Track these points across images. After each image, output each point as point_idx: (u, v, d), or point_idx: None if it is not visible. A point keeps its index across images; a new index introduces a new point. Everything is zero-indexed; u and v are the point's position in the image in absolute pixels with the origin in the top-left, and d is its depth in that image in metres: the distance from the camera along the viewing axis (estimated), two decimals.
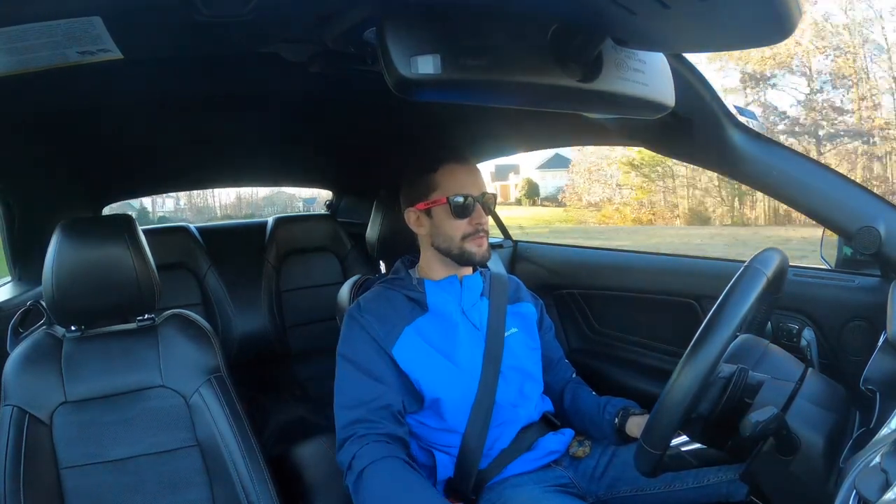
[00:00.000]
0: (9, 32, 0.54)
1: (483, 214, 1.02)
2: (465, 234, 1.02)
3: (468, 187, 1.01)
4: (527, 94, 0.59)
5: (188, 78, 1.00)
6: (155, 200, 16.16)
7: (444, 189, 1.01)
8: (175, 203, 18.04)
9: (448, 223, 1.02)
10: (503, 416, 1.03)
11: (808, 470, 0.69)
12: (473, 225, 1.01)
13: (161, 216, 13.56)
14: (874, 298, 0.95)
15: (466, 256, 1.02)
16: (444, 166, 1.03)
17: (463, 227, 1.01)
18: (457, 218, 1.01)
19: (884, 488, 0.50)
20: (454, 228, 1.02)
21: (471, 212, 1.01)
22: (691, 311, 1.32)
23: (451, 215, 1.01)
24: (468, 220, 1.01)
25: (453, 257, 1.03)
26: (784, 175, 0.91)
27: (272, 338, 2.06)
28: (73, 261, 0.94)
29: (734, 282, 0.74)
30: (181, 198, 18.47)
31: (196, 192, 19.00)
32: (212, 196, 18.32)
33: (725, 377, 0.77)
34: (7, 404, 0.93)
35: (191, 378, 1.03)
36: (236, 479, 0.98)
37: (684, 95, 0.77)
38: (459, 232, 1.02)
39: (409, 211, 1.06)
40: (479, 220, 1.02)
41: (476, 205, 1.01)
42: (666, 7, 0.46)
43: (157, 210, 15.51)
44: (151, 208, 15.17)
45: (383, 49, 0.53)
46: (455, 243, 1.02)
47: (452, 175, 1.02)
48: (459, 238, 1.02)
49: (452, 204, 1.00)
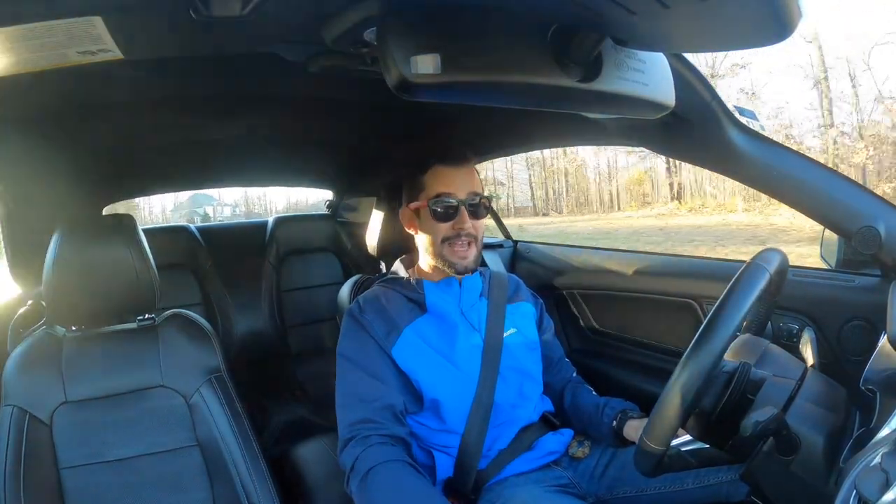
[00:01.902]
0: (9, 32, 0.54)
1: (467, 219, 0.99)
2: (445, 238, 0.99)
3: (453, 189, 0.99)
4: (527, 94, 0.59)
5: (188, 78, 1.00)
6: (215, 209, 16.80)
7: (429, 191, 1.00)
8: (232, 210, 18.64)
9: (430, 225, 1.00)
10: (502, 417, 1.03)
11: (808, 470, 0.69)
12: (455, 229, 0.99)
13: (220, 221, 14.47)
14: (874, 298, 0.95)
15: (446, 262, 1.00)
16: (432, 167, 1.01)
17: (444, 231, 0.99)
18: (438, 221, 0.99)
19: (884, 488, 0.50)
20: (435, 231, 1.00)
21: (454, 215, 0.98)
22: (691, 311, 1.32)
23: (432, 218, 0.99)
24: (451, 224, 0.99)
25: (437, 262, 1.02)
26: (784, 175, 0.91)
27: (272, 338, 2.06)
28: (73, 261, 0.94)
29: (737, 278, 0.74)
30: (239, 205, 19.16)
31: (254, 199, 19.53)
32: (270, 203, 19.18)
33: (729, 372, 0.77)
34: (7, 404, 0.93)
35: (191, 378, 1.03)
36: (236, 479, 0.98)
37: (684, 95, 0.77)
38: (440, 235, 0.99)
39: (403, 211, 1.06)
40: (461, 225, 0.98)
41: (460, 208, 0.99)
42: (666, 7, 0.46)
43: (216, 216, 16.03)
44: (213, 215, 15.88)
45: (383, 49, 0.53)
46: (436, 247, 1.00)
47: (437, 176, 1.00)
48: (440, 242, 1.00)
49: (432, 206, 0.98)
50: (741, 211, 10.85)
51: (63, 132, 1.22)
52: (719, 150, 0.90)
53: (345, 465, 0.91)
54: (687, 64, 0.78)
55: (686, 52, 0.76)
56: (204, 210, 15.07)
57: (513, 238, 1.92)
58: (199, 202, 15.64)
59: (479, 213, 1.01)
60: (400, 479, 0.87)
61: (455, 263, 1.00)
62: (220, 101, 1.20)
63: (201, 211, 14.76)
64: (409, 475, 0.87)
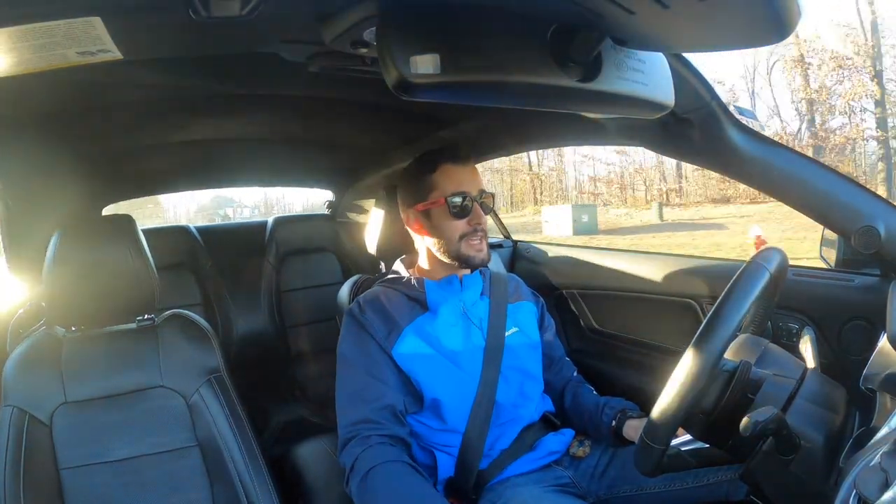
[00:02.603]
0: (9, 33, 0.54)
1: (481, 214, 1.02)
2: (462, 235, 1.01)
3: (465, 187, 1.01)
4: (526, 94, 0.59)
5: (188, 78, 1.00)
6: (235, 210, 17.06)
7: (442, 189, 1.01)
8: (251, 212, 18.90)
9: (446, 224, 1.01)
10: (504, 417, 1.03)
11: (808, 470, 0.69)
12: (472, 225, 1.01)
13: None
14: (874, 298, 0.95)
15: (464, 258, 1.02)
16: (441, 166, 1.02)
17: (461, 228, 1.01)
18: (455, 218, 1.01)
19: (884, 488, 0.50)
20: (452, 229, 1.01)
21: (469, 212, 1.01)
22: (691, 311, 1.32)
23: (448, 216, 1.01)
24: (466, 221, 1.01)
25: (452, 258, 1.03)
26: (784, 175, 0.91)
27: (272, 338, 2.06)
28: (73, 261, 0.94)
29: (738, 276, 0.74)
30: (259, 207, 19.47)
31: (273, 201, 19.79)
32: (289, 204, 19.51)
33: (729, 371, 0.77)
34: (7, 405, 0.93)
35: (191, 378, 1.03)
36: (236, 479, 0.98)
37: (684, 95, 0.78)
38: (457, 232, 1.01)
39: (408, 212, 1.06)
40: (477, 221, 1.01)
41: (474, 204, 1.01)
42: (665, 7, 0.46)
43: (236, 218, 16.24)
44: (233, 216, 16.13)
45: (383, 49, 0.53)
46: (453, 245, 1.02)
47: (450, 175, 1.01)
48: (457, 239, 1.01)
49: (450, 204, 1.00)
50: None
51: (63, 132, 1.22)
52: (719, 150, 0.90)
53: (345, 465, 0.91)
54: (687, 64, 0.78)
55: (686, 52, 0.76)
56: (224, 211, 15.24)
57: (512, 238, 1.92)
58: (220, 204, 15.81)
59: (487, 210, 1.04)
60: (399, 480, 0.87)
61: (473, 257, 1.02)
62: (220, 101, 1.20)
63: (222, 212, 14.99)
64: (408, 475, 0.87)
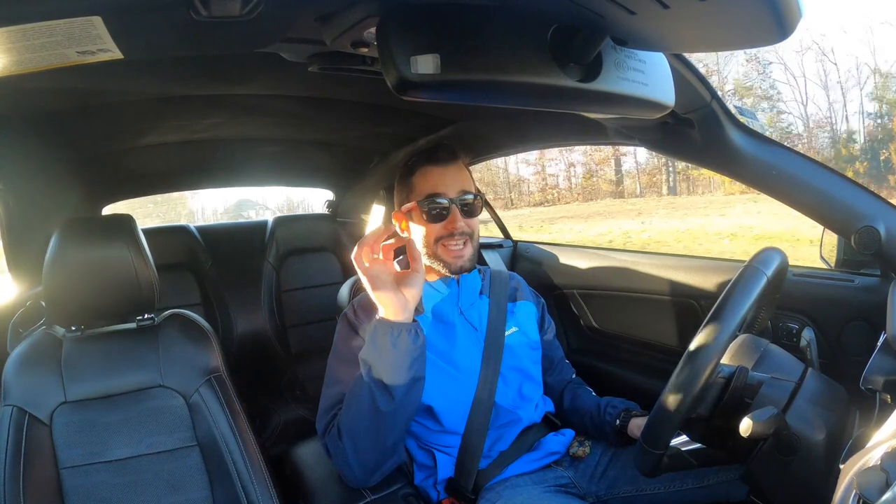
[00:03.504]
0: (9, 32, 0.53)
1: (458, 218, 0.97)
2: (438, 238, 0.98)
3: (442, 188, 0.97)
4: (526, 94, 0.59)
5: (188, 78, 1.00)
6: (258, 212, 17.26)
7: (419, 191, 0.98)
8: (273, 213, 19.23)
9: (422, 227, 0.98)
10: (504, 418, 1.03)
11: (807, 470, 0.69)
12: (448, 229, 0.97)
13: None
14: (874, 298, 0.95)
15: (441, 263, 0.99)
16: (420, 168, 0.99)
17: (436, 231, 0.98)
18: (430, 221, 0.97)
19: (883, 488, 0.50)
20: (428, 233, 0.98)
21: (445, 215, 0.97)
22: (691, 311, 1.32)
23: (424, 219, 0.98)
24: (442, 224, 0.97)
25: (431, 262, 1.00)
26: (784, 175, 0.91)
27: (272, 338, 2.06)
28: (73, 261, 0.94)
29: (735, 281, 0.74)
30: (282, 208, 19.67)
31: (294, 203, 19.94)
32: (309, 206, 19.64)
33: (725, 377, 0.77)
34: (7, 404, 0.93)
35: (191, 378, 1.03)
36: (236, 479, 0.98)
37: (684, 95, 0.78)
38: (432, 236, 0.98)
39: (397, 215, 1.04)
40: (453, 224, 0.97)
41: (451, 207, 0.97)
42: (666, 7, 0.46)
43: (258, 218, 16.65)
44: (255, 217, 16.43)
45: (383, 49, 0.53)
46: (430, 248, 0.99)
47: (427, 176, 0.98)
48: (433, 242, 0.98)
49: (422, 207, 0.97)
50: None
51: (63, 132, 1.22)
52: (719, 149, 0.90)
53: (322, 436, 0.93)
54: (687, 64, 0.78)
55: (686, 52, 0.76)
56: (247, 213, 15.49)
57: (512, 238, 1.92)
58: (243, 206, 16.07)
59: (472, 212, 1.00)
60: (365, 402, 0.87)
61: (450, 263, 0.98)
62: (220, 101, 1.20)
63: (245, 214, 15.31)
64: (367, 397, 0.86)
